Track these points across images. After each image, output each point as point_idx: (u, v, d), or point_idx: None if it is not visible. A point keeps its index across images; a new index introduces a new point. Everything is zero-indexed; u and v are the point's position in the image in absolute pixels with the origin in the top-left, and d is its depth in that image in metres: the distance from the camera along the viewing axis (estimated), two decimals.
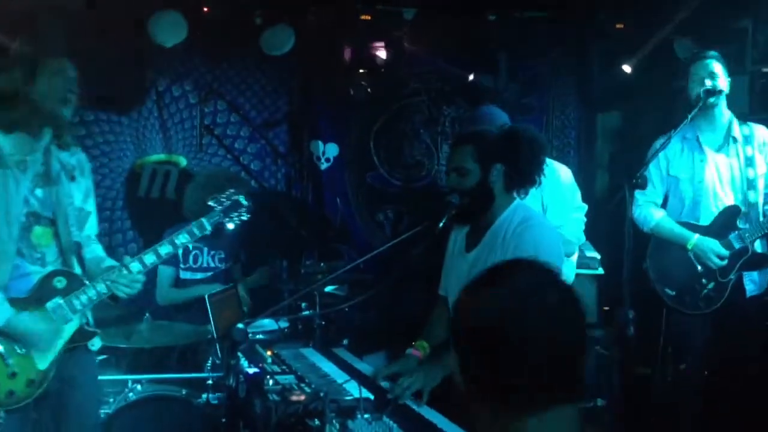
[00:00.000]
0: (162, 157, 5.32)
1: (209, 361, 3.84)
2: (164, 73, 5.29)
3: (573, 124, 5.73)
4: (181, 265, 4.54)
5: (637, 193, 3.74)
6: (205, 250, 4.57)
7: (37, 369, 2.81)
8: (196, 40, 4.96)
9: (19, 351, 2.79)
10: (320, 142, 5.63)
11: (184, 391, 3.73)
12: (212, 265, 4.58)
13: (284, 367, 3.16)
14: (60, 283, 2.86)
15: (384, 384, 2.92)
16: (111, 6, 4.72)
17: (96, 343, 3.04)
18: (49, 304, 2.83)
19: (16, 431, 2.82)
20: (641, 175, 3.26)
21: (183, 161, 5.33)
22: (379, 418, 2.53)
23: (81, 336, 2.94)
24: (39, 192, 2.87)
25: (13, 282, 2.79)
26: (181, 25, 4.85)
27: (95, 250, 3.09)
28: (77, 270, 2.94)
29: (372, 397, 2.67)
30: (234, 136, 5.50)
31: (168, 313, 4.39)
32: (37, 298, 2.83)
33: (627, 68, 4.97)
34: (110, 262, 3.02)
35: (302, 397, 2.71)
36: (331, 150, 5.66)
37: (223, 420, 3.34)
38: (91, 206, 3.10)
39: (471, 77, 5.34)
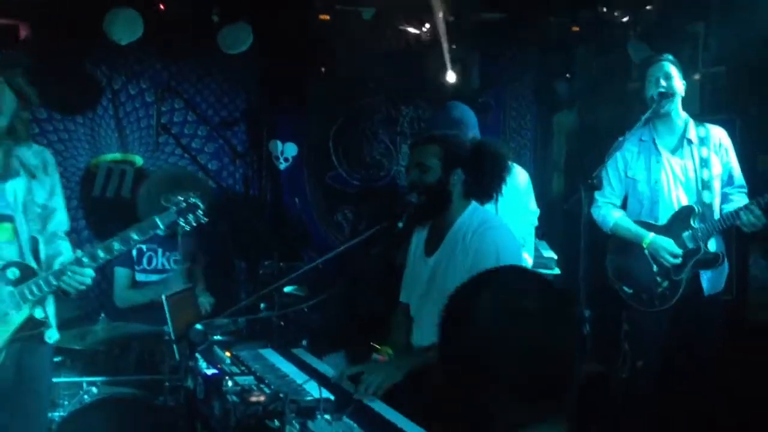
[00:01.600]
0: (117, 156, 5.24)
1: (166, 363, 3.80)
2: (120, 70, 5.20)
3: (529, 125, 5.79)
4: (136, 267, 4.48)
5: (597, 194, 3.81)
6: (160, 251, 4.53)
7: None
8: (152, 37, 4.89)
9: None
10: (279, 142, 5.60)
11: (140, 393, 3.69)
12: (167, 266, 4.54)
13: (243, 368, 3.14)
14: (13, 274, 2.92)
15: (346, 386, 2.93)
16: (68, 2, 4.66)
17: (52, 336, 3.07)
18: (1, 292, 2.88)
19: None
20: (597, 176, 3.30)
21: (139, 160, 5.26)
22: (339, 419, 2.52)
23: (31, 325, 2.96)
24: None
25: None
26: (137, 23, 4.78)
27: (58, 247, 3.11)
28: (33, 264, 2.97)
29: (332, 397, 2.67)
30: (191, 135, 5.44)
31: (124, 315, 4.33)
32: None
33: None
34: (70, 258, 2.99)
35: (262, 398, 2.69)
36: (290, 150, 5.63)
37: (181, 422, 3.31)
38: (56, 203, 3.12)
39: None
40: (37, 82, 3.03)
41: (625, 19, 5.08)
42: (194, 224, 3.13)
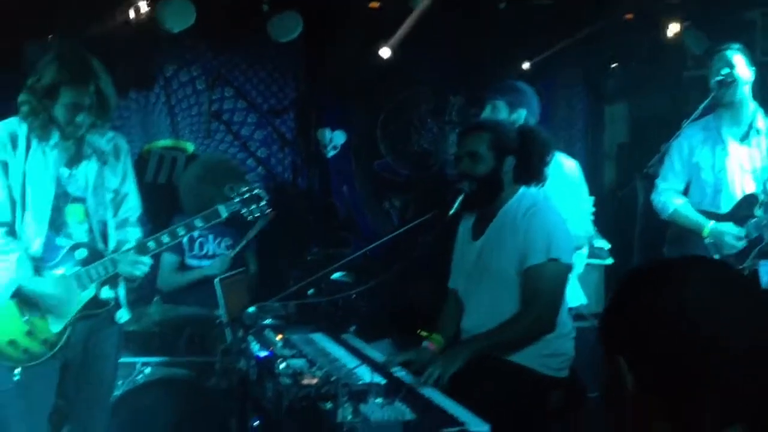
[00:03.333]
0: (169, 142, 5.32)
1: (217, 346, 3.86)
2: (171, 58, 5.28)
3: (580, 115, 5.73)
4: (188, 252, 4.55)
5: (658, 180, 3.76)
6: (211, 237, 4.59)
7: (51, 331, 2.97)
8: (203, 25, 4.95)
9: (36, 312, 2.96)
10: (327, 130, 5.63)
11: (193, 375, 3.76)
12: (218, 252, 4.59)
13: (295, 351, 3.18)
14: (81, 254, 3.03)
15: (396, 371, 2.95)
16: None
17: (123, 316, 3.17)
18: (68, 272, 3.00)
19: (30, 389, 2.97)
20: (653, 164, 3.27)
21: (190, 147, 5.33)
22: (391, 403, 2.54)
23: (95, 305, 3.06)
24: (70, 173, 3.05)
25: (45, 252, 2.99)
26: (188, 11, 4.84)
27: (128, 233, 3.21)
28: (101, 245, 3.08)
29: (384, 381, 2.68)
30: (241, 123, 5.50)
31: (177, 298, 4.40)
32: (59, 264, 3.01)
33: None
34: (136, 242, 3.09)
35: (314, 381, 2.73)
36: (339, 138, 5.66)
37: (233, 403, 3.36)
38: (128, 189, 3.22)
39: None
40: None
41: (678, 7, 4.99)
42: (257, 215, 3.19)
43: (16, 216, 2.96)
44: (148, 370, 3.79)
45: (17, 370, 2.92)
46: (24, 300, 2.93)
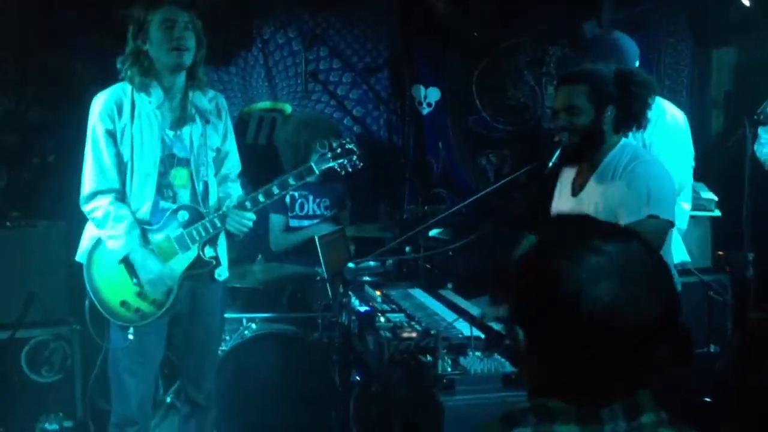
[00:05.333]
0: (268, 104, 5.42)
1: (318, 302, 3.97)
2: (268, 20, 5.35)
3: (686, 61, 5.48)
4: (290, 213, 4.65)
5: (761, 129, 3.56)
6: (311, 197, 4.67)
7: (160, 290, 3.07)
8: None
9: (145, 273, 3.04)
10: (422, 87, 5.60)
11: (297, 330, 3.87)
12: (318, 212, 4.67)
13: (394, 306, 3.23)
14: (183, 216, 3.11)
15: (493, 325, 2.95)
16: None
17: (222, 274, 3.26)
18: (172, 233, 3.09)
19: (143, 345, 3.11)
20: (763, 111, 3.10)
21: (288, 108, 5.42)
22: (490, 355, 2.56)
23: (199, 264, 3.15)
24: (175, 134, 3.11)
25: (151, 215, 3.09)
26: None
27: (228, 189, 3.29)
28: (203, 206, 3.15)
29: (482, 335, 2.70)
30: (336, 83, 5.54)
31: (279, 256, 4.52)
32: (163, 227, 3.10)
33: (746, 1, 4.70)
34: (236, 200, 3.15)
35: (413, 334, 2.78)
36: (433, 94, 5.63)
37: (335, 356, 3.45)
38: (229, 146, 3.29)
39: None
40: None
41: None
42: (350, 170, 3.20)
43: (126, 181, 3.06)
44: (253, 325, 3.93)
45: (131, 329, 3.06)
46: (133, 263, 3.04)
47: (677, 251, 3.64)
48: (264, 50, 5.36)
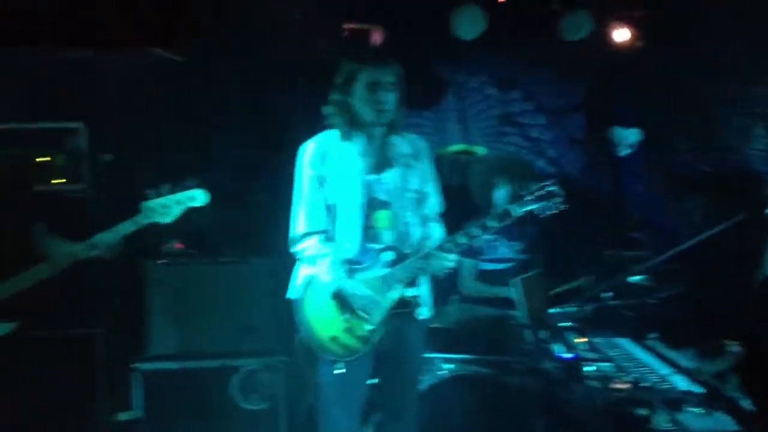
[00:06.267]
0: (461, 147, 5.49)
1: (514, 345, 3.91)
2: (463, 65, 5.45)
3: None
4: (481, 256, 4.65)
5: None
6: (504, 240, 4.64)
7: (365, 328, 3.16)
8: (494, 30, 5.06)
9: (351, 310, 3.16)
10: (619, 128, 5.46)
11: (493, 373, 3.84)
12: (510, 256, 4.64)
13: (599, 354, 3.13)
14: (387, 257, 3.19)
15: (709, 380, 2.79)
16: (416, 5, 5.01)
17: (423, 313, 3.29)
18: (377, 273, 3.18)
19: (348, 380, 3.19)
20: None
21: (481, 150, 5.47)
22: (710, 413, 2.41)
23: (403, 304, 3.20)
24: (376, 179, 3.23)
25: (358, 255, 3.20)
26: (480, 18, 5.00)
27: (430, 229, 3.35)
28: (405, 247, 3.22)
29: (702, 390, 2.55)
30: (530, 125, 5.53)
31: (473, 298, 4.52)
32: (369, 267, 3.19)
33: None
34: (437, 242, 3.21)
35: (624, 386, 2.67)
36: (631, 136, 5.46)
37: (532, 403, 3.39)
38: (429, 188, 3.35)
39: None
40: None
41: None
42: (553, 212, 3.15)
43: (332, 223, 3.21)
44: (449, 366, 3.94)
45: (339, 364, 3.16)
46: (342, 300, 3.16)
47: None
48: (458, 94, 5.46)
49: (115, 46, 4.42)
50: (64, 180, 4.37)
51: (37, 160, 4.29)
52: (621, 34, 5.29)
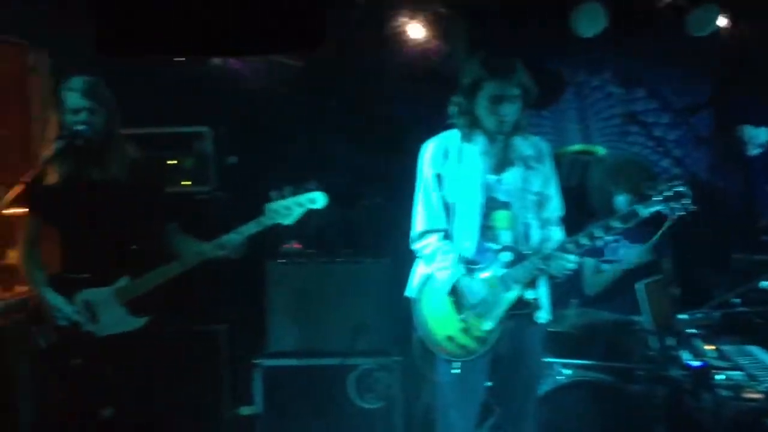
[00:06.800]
0: (580, 147, 5.37)
1: (636, 352, 3.79)
2: (583, 63, 5.33)
3: None
4: (601, 257, 4.53)
5: None
6: (626, 241, 4.50)
7: (483, 328, 3.15)
8: (616, 27, 4.92)
9: (468, 310, 3.16)
10: (750, 127, 5.19)
11: (613, 380, 3.73)
12: (632, 258, 4.49)
13: (729, 362, 2.99)
14: (506, 257, 3.16)
15: None
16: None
17: (541, 317, 3.25)
18: (495, 273, 3.16)
19: (465, 381, 3.19)
20: None
21: (601, 151, 5.32)
22: None
23: (521, 305, 3.18)
24: (496, 179, 3.21)
25: (476, 254, 3.19)
26: (600, 15, 4.88)
27: (550, 232, 3.31)
28: (524, 248, 3.19)
29: None
30: (653, 124, 5.35)
31: (594, 302, 4.40)
32: (487, 267, 3.18)
33: None
34: (557, 244, 3.16)
35: (758, 396, 2.54)
36: (762, 135, 5.18)
37: (654, 411, 3.27)
38: (550, 190, 3.31)
39: None
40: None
41: None
42: (682, 213, 3.04)
43: (451, 222, 3.22)
44: (567, 371, 3.86)
45: (455, 364, 3.16)
46: (459, 299, 3.17)
47: None
48: (578, 93, 5.34)
49: (240, 54, 4.58)
50: (191, 182, 4.56)
51: (168, 162, 4.51)
52: (750, 28, 5.03)
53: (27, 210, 3.41)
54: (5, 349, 3.80)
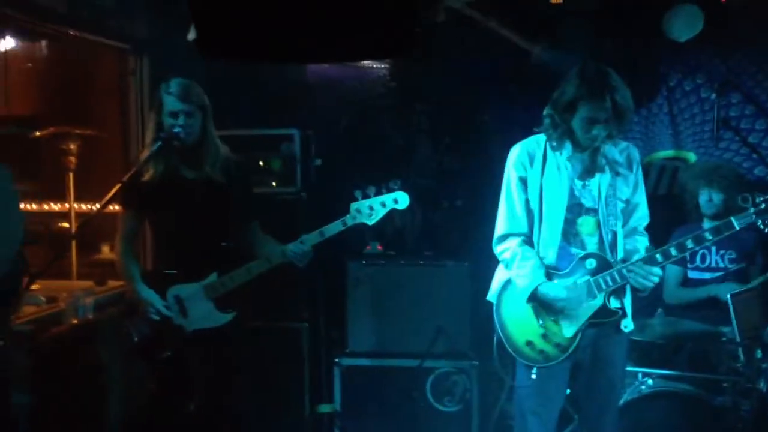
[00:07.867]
0: (671, 153, 5.24)
1: (723, 363, 3.69)
2: (676, 67, 5.19)
3: None
4: (689, 265, 4.42)
5: None
6: (714, 249, 4.38)
7: (563, 335, 3.13)
8: (711, 31, 4.78)
9: (549, 315, 3.15)
10: None
11: (698, 391, 3.63)
12: (721, 265, 4.37)
13: None
14: (591, 264, 3.13)
15: None
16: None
17: (628, 325, 3.21)
18: (578, 280, 3.12)
19: (545, 387, 3.18)
20: None
21: (692, 157, 5.18)
22: None
23: (603, 313, 3.14)
24: (583, 185, 3.18)
25: (558, 260, 3.17)
26: (697, 18, 4.74)
27: (636, 241, 3.26)
28: (610, 256, 3.14)
29: None
30: (748, 130, 5.15)
31: (680, 312, 4.30)
32: (570, 273, 3.15)
33: None
34: (642, 253, 3.10)
35: None
36: None
37: (742, 424, 3.18)
38: (639, 198, 3.27)
39: None
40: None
41: None
42: None
43: (533, 227, 3.20)
44: (650, 381, 3.78)
45: (534, 370, 3.15)
46: (539, 304, 3.15)
47: None
48: (669, 98, 5.21)
49: (334, 60, 4.67)
50: (278, 183, 4.67)
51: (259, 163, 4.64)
52: None
53: (123, 207, 3.56)
54: (100, 342, 3.97)
